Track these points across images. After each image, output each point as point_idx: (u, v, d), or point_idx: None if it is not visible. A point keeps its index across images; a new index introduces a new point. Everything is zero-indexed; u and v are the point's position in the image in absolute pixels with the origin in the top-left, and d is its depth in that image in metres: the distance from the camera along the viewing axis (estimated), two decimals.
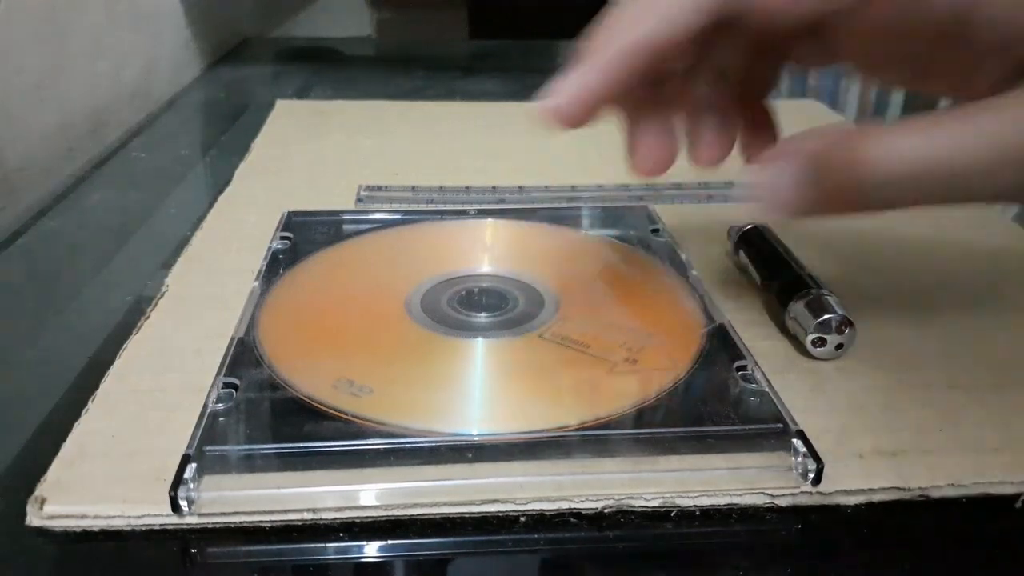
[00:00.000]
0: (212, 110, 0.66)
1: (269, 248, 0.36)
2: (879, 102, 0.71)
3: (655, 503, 0.24)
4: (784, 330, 0.31)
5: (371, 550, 0.23)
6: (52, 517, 0.23)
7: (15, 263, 0.39)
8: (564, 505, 0.24)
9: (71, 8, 0.52)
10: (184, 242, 0.39)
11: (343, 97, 0.64)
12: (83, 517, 0.23)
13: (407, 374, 0.28)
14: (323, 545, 0.23)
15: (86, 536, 0.23)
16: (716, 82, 0.28)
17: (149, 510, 0.23)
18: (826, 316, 0.29)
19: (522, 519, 0.24)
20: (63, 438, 0.25)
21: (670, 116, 0.28)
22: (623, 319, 0.32)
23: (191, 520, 0.23)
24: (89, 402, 0.27)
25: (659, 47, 0.24)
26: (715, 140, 0.28)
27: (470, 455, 0.25)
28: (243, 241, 0.38)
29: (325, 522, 0.23)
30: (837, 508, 0.24)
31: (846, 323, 0.30)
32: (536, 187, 0.46)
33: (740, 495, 0.24)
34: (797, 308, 0.30)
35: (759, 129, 0.29)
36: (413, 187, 0.45)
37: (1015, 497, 0.25)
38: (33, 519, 0.23)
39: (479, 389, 0.28)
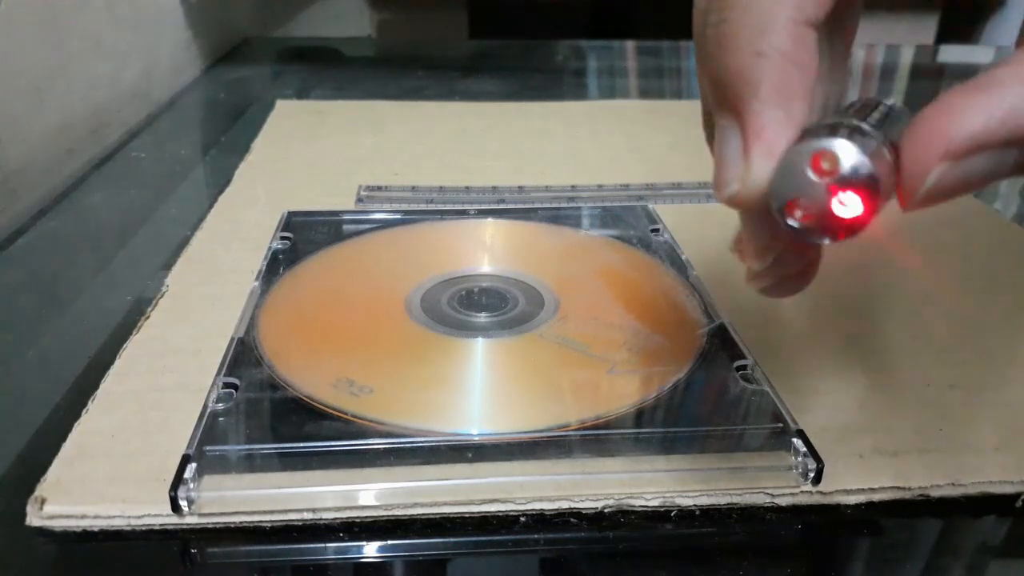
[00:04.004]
0: (212, 110, 0.66)
1: (269, 248, 0.36)
2: None
3: (655, 503, 0.24)
4: None
5: (371, 550, 0.23)
6: (52, 517, 0.23)
7: (15, 263, 0.39)
8: (564, 505, 0.24)
9: (71, 8, 0.52)
10: (184, 242, 0.39)
11: (343, 97, 0.64)
12: (83, 517, 0.23)
13: (407, 374, 0.28)
14: (323, 545, 0.23)
15: (86, 536, 0.23)
16: None
17: (149, 510, 0.23)
18: None
19: (522, 519, 0.24)
20: (63, 438, 0.25)
21: None
22: (623, 319, 0.32)
23: (191, 520, 0.23)
24: (89, 402, 0.27)
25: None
26: None
27: (470, 455, 0.25)
28: (243, 241, 0.38)
29: (325, 522, 0.23)
30: (837, 508, 0.24)
31: None
32: (536, 187, 0.46)
33: (740, 495, 0.24)
34: None
35: None
36: (413, 187, 0.45)
37: (1015, 497, 0.25)
38: (33, 519, 0.23)
39: (479, 389, 0.28)
